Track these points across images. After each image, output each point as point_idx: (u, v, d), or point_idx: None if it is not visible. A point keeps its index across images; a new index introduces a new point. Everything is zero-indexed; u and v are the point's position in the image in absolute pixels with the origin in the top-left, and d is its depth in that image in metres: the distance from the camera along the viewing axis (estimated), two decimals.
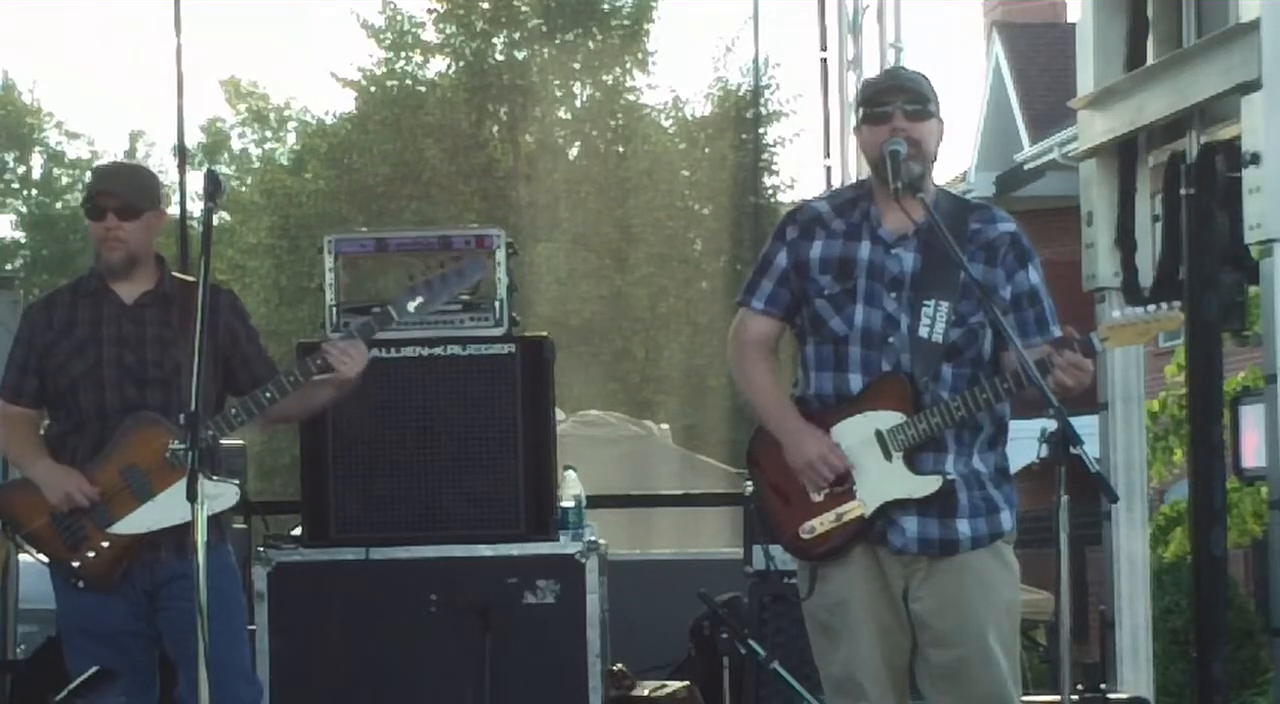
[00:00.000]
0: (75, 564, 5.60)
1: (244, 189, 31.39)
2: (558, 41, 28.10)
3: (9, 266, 33.51)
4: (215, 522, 5.38)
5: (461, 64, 27.95)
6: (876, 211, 5.03)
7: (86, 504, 5.55)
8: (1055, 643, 5.02)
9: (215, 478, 5.32)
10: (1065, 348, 4.84)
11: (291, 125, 33.04)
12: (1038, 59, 23.46)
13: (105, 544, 5.58)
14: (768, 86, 27.02)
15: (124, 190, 5.73)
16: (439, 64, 28.47)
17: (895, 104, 4.99)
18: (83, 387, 5.66)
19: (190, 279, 5.80)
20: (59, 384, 5.69)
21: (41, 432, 5.77)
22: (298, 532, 7.01)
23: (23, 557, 5.90)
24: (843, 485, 4.95)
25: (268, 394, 5.53)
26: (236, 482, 5.57)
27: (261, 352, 5.81)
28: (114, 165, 6.48)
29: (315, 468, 6.85)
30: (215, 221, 5.38)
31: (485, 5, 27.99)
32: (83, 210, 5.80)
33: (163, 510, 5.52)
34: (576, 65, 28.28)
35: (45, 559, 5.68)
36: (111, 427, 5.61)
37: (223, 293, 5.77)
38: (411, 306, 5.56)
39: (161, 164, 32.87)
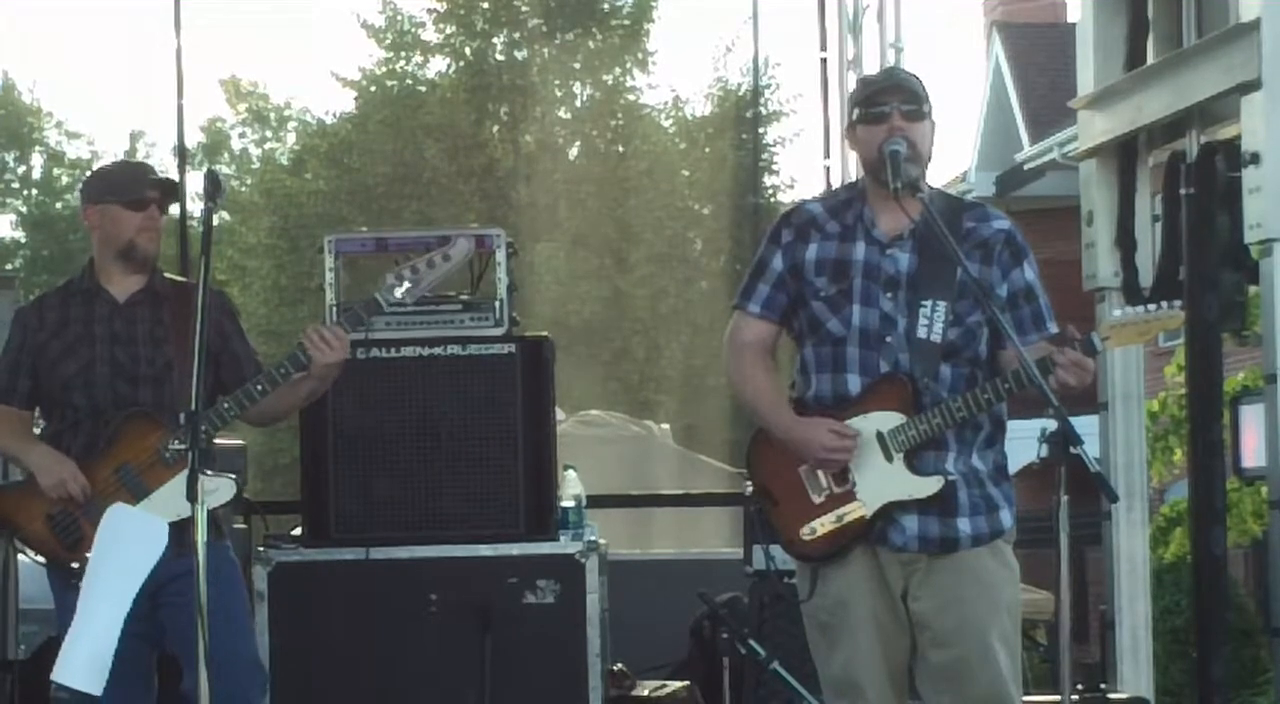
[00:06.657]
0: (75, 565, 5.58)
1: (244, 189, 31.42)
2: (558, 41, 28.09)
3: (9, 266, 33.48)
4: (213, 517, 5.37)
5: (461, 64, 27.95)
6: (871, 213, 5.03)
7: (79, 494, 5.54)
8: (1055, 643, 5.02)
9: (210, 473, 5.30)
10: (1066, 346, 4.84)
11: (291, 125, 33.10)
12: (1038, 59, 23.45)
13: None
14: (768, 86, 27.01)
15: (165, 185, 5.76)
16: (439, 64, 28.48)
17: (893, 104, 4.98)
18: (76, 385, 5.66)
19: (181, 279, 5.83)
20: (52, 383, 5.69)
21: (37, 433, 5.77)
22: (298, 532, 7.01)
23: (22, 557, 5.89)
24: (844, 486, 4.95)
25: (259, 386, 5.51)
26: (233, 475, 5.55)
27: (250, 351, 5.80)
28: (137, 163, 6.49)
29: (315, 468, 6.85)
30: (215, 221, 5.36)
31: (485, 5, 27.97)
32: (116, 199, 5.71)
33: (159, 508, 5.49)
34: (576, 65, 28.27)
35: (43, 561, 5.68)
36: (104, 424, 5.61)
37: (213, 292, 5.75)
38: (399, 292, 5.47)
39: (161, 164, 32.79)
